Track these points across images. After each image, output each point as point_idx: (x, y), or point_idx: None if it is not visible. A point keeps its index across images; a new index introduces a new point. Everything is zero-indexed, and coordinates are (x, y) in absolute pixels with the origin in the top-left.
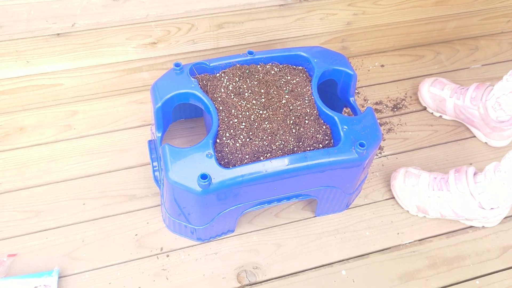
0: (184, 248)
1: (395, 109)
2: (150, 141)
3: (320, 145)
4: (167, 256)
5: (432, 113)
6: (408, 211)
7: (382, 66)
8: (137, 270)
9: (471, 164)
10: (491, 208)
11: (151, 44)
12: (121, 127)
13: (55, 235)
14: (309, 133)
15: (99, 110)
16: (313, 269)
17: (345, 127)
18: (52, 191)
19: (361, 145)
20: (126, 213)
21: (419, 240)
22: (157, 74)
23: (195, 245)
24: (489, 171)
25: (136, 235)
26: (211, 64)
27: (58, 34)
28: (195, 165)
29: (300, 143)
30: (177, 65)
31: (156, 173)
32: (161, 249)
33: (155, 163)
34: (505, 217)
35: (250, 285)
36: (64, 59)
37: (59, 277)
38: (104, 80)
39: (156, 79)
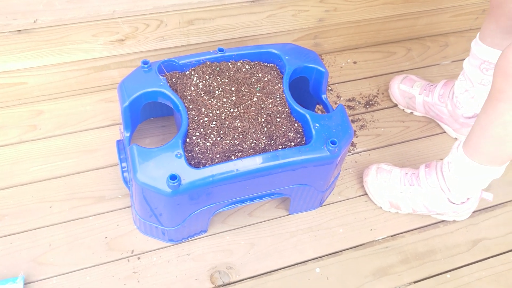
0: (156, 250)
1: (368, 106)
2: (118, 141)
3: (292, 143)
4: (138, 258)
5: (403, 109)
6: (381, 207)
7: (355, 62)
8: (107, 273)
9: (441, 159)
10: (462, 202)
11: (119, 41)
12: (89, 126)
13: (20, 240)
14: (280, 131)
15: (65, 109)
16: (287, 268)
17: (317, 124)
18: (17, 194)
19: (333, 142)
20: (95, 215)
21: (391, 236)
22: (126, 71)
23: (167, 246)
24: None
25: (106, 237)
26: (180, 62)
27: (19, 30)
28: (164, 165)
29: (272, 142)
30: (145, 62)
31: (125, 174)
32: (132, 251)
33: (124, 164)
34: (475, 211)
35: (224, 285)
36: (27, 57)
37: (25, 284)
38: (70, 78)
39: (125, 76)
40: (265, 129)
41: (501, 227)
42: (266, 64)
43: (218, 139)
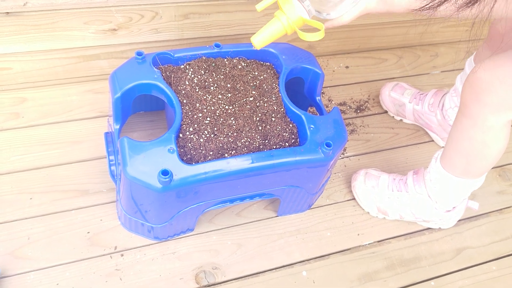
0: (140, 247)
1: (358, 111)
2: (107, 133)
3: (286, 144)
4: (122, 255)
5: (393, 116)
6: (368, 212)
7: (347, 67)
8: (88, 270)
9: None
10: (448, 211)
11: (111, 30)
12: (75, 117)
13: None
14: (275, 131)
15: (51, 98)
16: (274, 270)
17: (312, 126)
18: None
19: (328, 145)
20: (78, 209)
21: (378, 241)
22: (116, 62)
23: (152, 244)
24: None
25: (88, 232)
26: (175, 55)
27: (8, 13)
28: (155, 160)
29: (266, 141)
30: (139, 53)
31: (113, 168)
32: (115, 248)
33: (112, 157)
34: (460, 220)
35: (209, 286)
36: (13, 41)
37: (0, 278)
38: (57, 66)
39: (115, 68)
40: (260, 128)
41: (484, 237)
42: (262, 62)
43: (212, 135)
